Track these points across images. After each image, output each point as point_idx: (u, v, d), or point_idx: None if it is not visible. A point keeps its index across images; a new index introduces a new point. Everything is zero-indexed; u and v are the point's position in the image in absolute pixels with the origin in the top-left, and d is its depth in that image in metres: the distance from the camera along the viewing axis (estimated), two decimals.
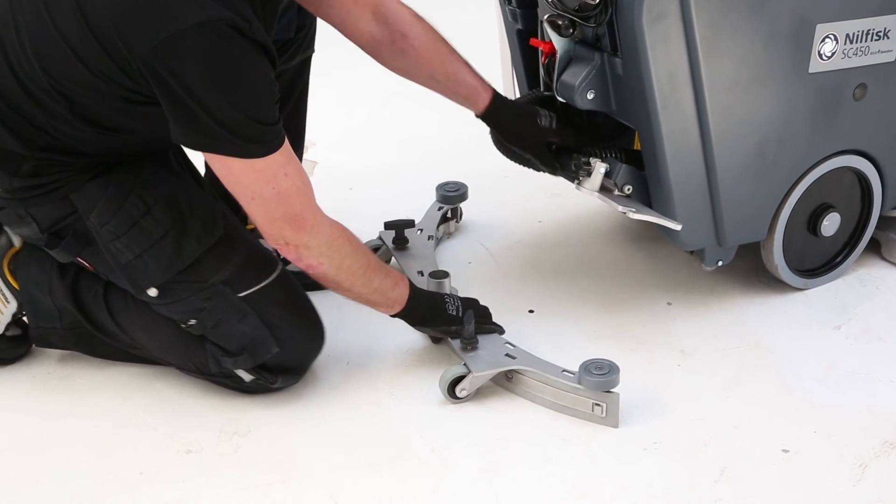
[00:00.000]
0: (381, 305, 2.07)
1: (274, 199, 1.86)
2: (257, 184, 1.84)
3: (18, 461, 1.95)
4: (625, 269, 2.51)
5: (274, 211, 1.87)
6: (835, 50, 2.08)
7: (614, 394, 1.94)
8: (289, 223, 1.88)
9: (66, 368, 2.21)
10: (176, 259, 1.96)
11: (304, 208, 1.90)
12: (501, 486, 1.84)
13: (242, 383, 2.06)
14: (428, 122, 3.41)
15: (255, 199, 1.86)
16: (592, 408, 1.96)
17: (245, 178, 1.84)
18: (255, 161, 1.81)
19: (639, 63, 1.97)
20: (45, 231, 2.01)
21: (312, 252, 1.93)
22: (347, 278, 1.99)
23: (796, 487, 1.80)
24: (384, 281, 2.04)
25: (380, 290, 2.04)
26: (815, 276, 2.36)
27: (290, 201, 1.87)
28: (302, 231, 1.90)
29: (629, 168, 2.15)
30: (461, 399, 2.03)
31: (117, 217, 1.95)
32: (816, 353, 2.15)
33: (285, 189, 1.86)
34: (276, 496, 1.84)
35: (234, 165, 1.82)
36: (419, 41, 2.17)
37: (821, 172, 2.21)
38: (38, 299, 2.14)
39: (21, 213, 2.00)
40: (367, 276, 2.01)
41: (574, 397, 1.98)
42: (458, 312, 2.11)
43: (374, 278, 2.02)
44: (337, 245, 1.96)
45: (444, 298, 2.15)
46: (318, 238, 1.92)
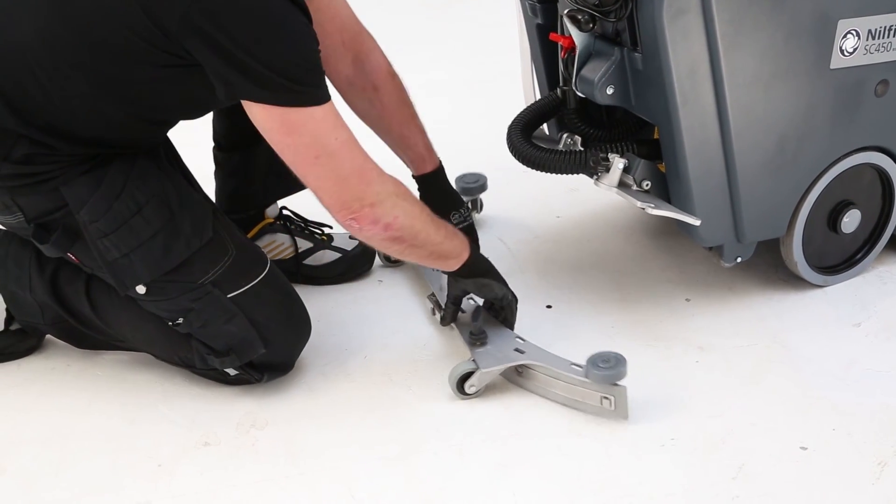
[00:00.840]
0: (451, 256, 2.03)
1: (339, 153, 1.82)
2: (321, 134, 1.81)
3: (37, 453, 1.96)
4: (643, 264, 2.50)
5: (341, 166, 1.83)
6: (857, 46, 2.07)
7: (621, 386, 1.93)
8: (358, 178, 1.85)
9: (85, 361, 2.22)
10: (163, 260, 1.95)
11: (366, 160, 1.87)
12: (518, 481, 1.84)
13: (227, 377, 2.07)
14: (446, 117, 3.40)
15: (320, 156, 1.82)
16: (601, 401, 1.95)
17: (307, 131, 1.80)
18: (314, 109, 1.79)
19: (659, 58, 1.96)
20: (31, 221, 1.97)
21: (386, 206, 1.88)
22: (423, 228, 1.95)
23: (814, 485, 1.80)
24: (447, 227, 2.03)
25: (448, 237, 2.02)
26: (834, 273, 2.35)
27: (354, 153, 1.84)
28: (372, 182, 1.86)
29: (648, 163, 2.15)
30: (471, 395, 2.03)
31: (107, 215, 1.92)
32: (836, 351, 2.14)
33: (346, 141, 1.83)
34: (293, 489, 1.85)
35: (295, 117, 1.78)
36: (387, 98, 2.26)
37: (841, 169, 2.20)
38: (18, 296, 2.14)
39: (7, 202, 1.96)
40: (435, 223, 1.98)
41: (583, 391, 1.97)
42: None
43: (440, 226, 2.00)
44: (404, 194, 1.94)
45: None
46: (386, 187, 1.89)
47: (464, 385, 2.02)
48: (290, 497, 1.83)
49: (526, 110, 2.32)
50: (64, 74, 1.84)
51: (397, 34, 4.15)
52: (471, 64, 3.85)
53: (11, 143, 1.88)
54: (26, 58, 1.84)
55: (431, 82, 2.32)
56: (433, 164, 2.32)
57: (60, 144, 1.90)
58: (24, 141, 1.88)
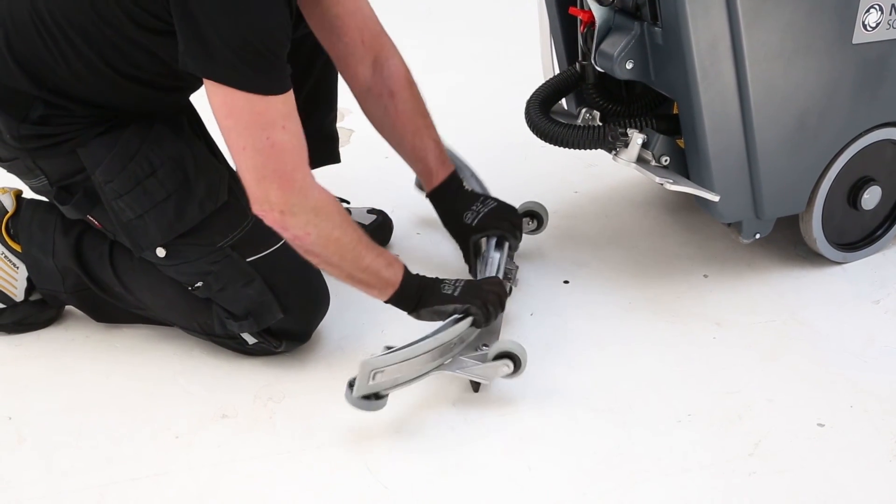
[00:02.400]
0: (374, 287, 1.98)
1: (266, 151, 1.78)
2: (253, 128, 1.77)
3: (56, 424, 1.97)
4: (661, 240, 2.49)
5: (264, 165, 1.79)
6: (879, 20, 2.05)
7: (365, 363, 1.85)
8: (277, 181, 1.80)
9: (104, 333, 2.23)
10: (177, 222, 1.97)
11: (296, 169, 1.82)
12: (534, 455, 1.84)
13: (245, 345, 2.08)
14: (465, 92, 3.40)
15: (246, 148, 1.78)
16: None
17: (243, 118, 1.76)
18: (256, 99, 1.75)
19: (679, 33, 1.95)
20: (55, 184, 2.02)
21: (299, 219, 1.84)
22: (336, 252, 1.90)
23: (831, 462, 1.80)
24: (376, 259, 1.95)
25: (371, 268, 1.95)
26: (854, 250, 2.34)
27: (283, 157, 1.80)
28: (290, 192, 1.81)
29: (667, 139, 2.14)
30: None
31: (121, 176, 1.95)
32: (854, 328, 2.14)
33: (280, 142, 1.78)
34: (309, 462, 1.85)
35: (236, 100, 1.75)
36: (403, 106, 2.23)
37: (862, 145, 2.19)
38: (41, 262, 2.16)
39: (30, 165, 2.01)
40: (357, 251, 1.92)
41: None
42: (460, 292, 1.99)
43: (365, 255, 1.93)
44: (326, 214, 1.87)
45: (443, 281, 2.03)
46: (305, 202, 1.84)
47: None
48: (306, 469, 1.84)
49: (544, 85, 2.31)
50: (68, 38, 1.87)
51: (418, 5, 4.16)
52: (490, 38, 3.84)
53: (28, 104, 1.92)
54: (35, 21, 1.88)
55: (449, 61, 2.30)
56: (443, 176, 2.29)
57: (74, 106, 1.93)
58: (40, 103, 1.92)
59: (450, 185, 2.30)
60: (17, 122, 1.95)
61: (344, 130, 3.07)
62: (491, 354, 1.93)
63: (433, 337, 1.91)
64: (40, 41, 1.89)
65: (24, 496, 1.80)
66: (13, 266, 2.18)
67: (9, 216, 2.18)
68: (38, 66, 1.91)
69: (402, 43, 2.29)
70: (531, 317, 2.22)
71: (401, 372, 1.89)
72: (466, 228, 2.27)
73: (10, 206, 2.19)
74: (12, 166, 2.07)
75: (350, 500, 1.77)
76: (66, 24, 1.86)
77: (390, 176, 2.61)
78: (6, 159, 2.05)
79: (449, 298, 1.99)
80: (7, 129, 1.96)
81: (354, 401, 1.86)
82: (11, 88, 1.93)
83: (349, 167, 2.67)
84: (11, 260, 2.17)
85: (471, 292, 1.99)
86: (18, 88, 1.92)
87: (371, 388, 1.86)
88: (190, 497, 1.79)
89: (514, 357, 1.92)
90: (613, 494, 1.75)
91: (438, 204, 2.31)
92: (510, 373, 1.92)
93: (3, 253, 2.17)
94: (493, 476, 1.80)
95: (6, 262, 2.18)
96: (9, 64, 1.92)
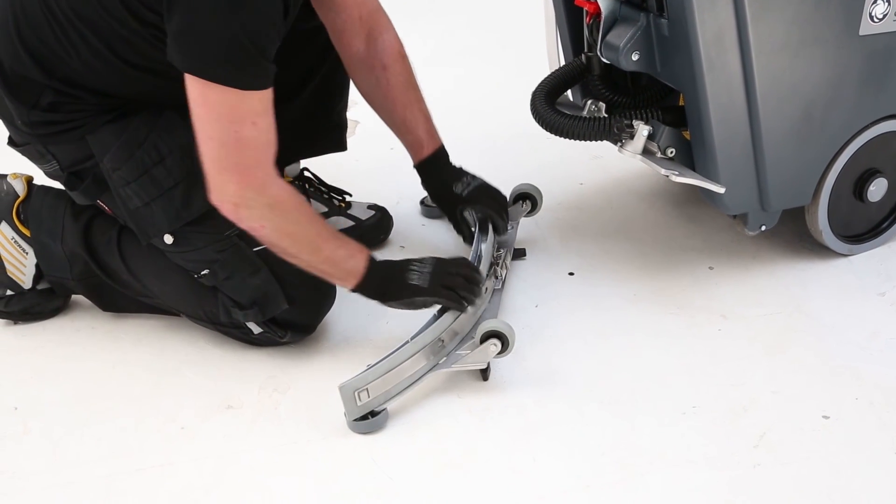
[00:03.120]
0: (336, 277, 1.99)
1: (231, 144, 1.80)
2: (223, 120, 1.78)
3: (61, 414, 1.98)
4: (666, 232, 2.49)
5: (226, 157, 1.81)
6: (886, 12, 2.04)
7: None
8: (236, 175, 1.82)
9: (110, 323, 2.24)
10: (183, 210, 1.98)
11: (258, 165, 1.84)
12: (538, 447, 1.84)
13: (251, 335, 2.08)
14: (471, 83, 3.40)
15: (213, 139, 1.80)
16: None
17: (215, 110, 1.78)
18: (231, 93, 1.76)
19: (685, 24, 1.94)
20: (66, 170, 2.04)
21: (253, 213, 1.86)
22: (292, 245, 1.92)
23: (836, 454, 1.79)
24: (336, 251, 1.96)
25: (331, 259, 1.96)
26: (859, 242, 2.34)
27: (246, 152, 1.81)
28: (246, 187, 1.84)
29: (672, 130, 2.13)
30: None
31: (129, 164, 1.97)
32: (859, 320, 2.13)
33: (246, 137, 1.80)
34: (314, 453, 1.86)
35: (212, 92, 1.76)
36: (395, 80, 2.26)
37: (868, 137, 2.18)
38: (49, 248, 2.17)
39: (41, 151, 2.03)
40: (314, 244, 1.94)
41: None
42: (425, 282, 1.99)
43: (324, 247, 1.94)
44: (281, 210, 1.89)
45: (410, 266, 2.02)
46: (260, 198, 1.85)
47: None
48: (311, 460, 1.84)
49: (550, 77, 2.31)
50: (77, 30, 1.89)
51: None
52: (495, 30, 3.83)
53: (39, 91, 1.95)
54: (45, 12, 1.90)
55: (453, 52, 2.30)
56: (432, 148, 2.32)
57: (84, 95, 1.95)
58: (50, 91, 1.95)
59: (439, 158, 2.34)
60: (28, 109, 1.97)
61: (350, 122, 3.07)
62: (477, 338, 1.94)
63: (412, 342, 1.92)
64: (50, 32, 1.91)
65: (30, 486, 1.80)
66: (23, 252, 2.18)
67: (20, 201, 2.19)
68: (49, 57, 1.93)
69: (407, 36, 2.29)
70: (536, 308, 2.22)
71: (389, 384, 1.90)
72: (457, 198, 2.32)
73: (21, 191, 2.19)
74: (26, 150, 2.08)
75: (354, 490, 1.77)
76: (75, 16, 1.88)
77: (396, 167, 2.60)
78: (20, 143, 2.08)
79: (417, 290, 1.98)
80: (18, 115, 1.98)
81: (352, 426, 1.89)
82: (22, 75, 1.95)
83: (354, 158, 2.67)
84: (21, 245, 2.18)
85: (438, 279, 1.99)
86: (28, 76, 1.94)
87: (363, 409, 1.88)
88: (195, 487, 1.79)
89: (499, 335, 1.93)
90: (618, 486, 1.75)
91: (427, 174, 2.35)
92: (500, 351, 1.93)
93: (14, 237, 2.18)
94: (498, 467, 1.80)
95: (16, 247, 2.18)
96: (20, 53, 1.94)
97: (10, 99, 1.98)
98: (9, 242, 2.18)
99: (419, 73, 2.29)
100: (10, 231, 2.18)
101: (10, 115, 2.02)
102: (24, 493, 1.79)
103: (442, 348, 1.98)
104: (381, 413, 1.89)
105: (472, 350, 1.95)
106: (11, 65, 1.96)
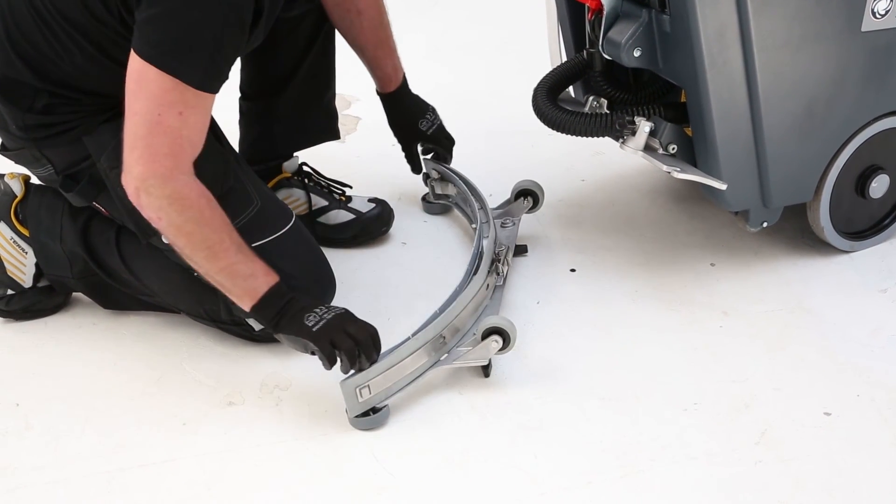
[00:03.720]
0: (231, 293, 1.92)
1: (151, 125, 1.79)
2: (151, 100, 1.78)
3: (63, 410, 1.98)
4: (668, 229, 2.49)
5: (142, 136, 1.80)
6: (889, 8, 2.04)
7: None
8: (146, 157, 1.80)
9: (111, 320, 2.24)
10: None
11: (170, 155, 1.82)
12: (540, 444, 1.84)
13: (252, 332, 2.08)
14: (473, 78, 3.40)
15: (137, 114, 1.79)
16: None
17: (147, 88, 1.78)
18: (167, 78, 1.76)
19: (687, 20, 1.94)
20: (61, 173, 2.03)
21: (152, 200, 1.83)
22: (188, 245, 1.88)
23: (837, 451, 1.79)
24: (237, 266, 1.90)
25: (230, 272, 1.90)
26: (861, 239, 2.34)
27: (162, 138, 1.80)
28: (151, 173, 1.81)
29: (674, 127, 2.13)
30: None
31: None
32: (861, 317, 2.13)
33: (167, 124, 1.79)
34: (315, 450, 1.86)
35: (149, 71, 1.77)
36: (367, 23, 2.34)
37: (871, 133, 2.18)
38: (49, 247, 2.17)
39: (36, 155, 2.03)
40: (213, 251, 1.88)
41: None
42: (318, 327, 1.89)
43: (223, 257, 1.88)
44: (181, 206, 1.84)
45: (315, 308, 1.92)
46: (163, 188, 1.82)
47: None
48: (313, 457, 1.84)
49: (551, 72, 2.31)
50: (67, 33, 1.89)
51: None
52: (497, 26, 3.83)
53: (33, 94, 1.95)
54: (34, 17, 1.90)
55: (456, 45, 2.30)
56: (395, 84, 2.44)
57: (79, 96, 1.95)
58: (44, 94, 1.95)
59: (404, 90, 2.46)
60: (23, 113, 1.96)
61: (351, 118, 3.07)
62: (479, 334, 1.95)
63: (413, 338, 1.91)
64: (41, 36, 1.91)
65: (32, 482, 1.81)
66: (22, 251, 2.18)
67: (17, 201, 2.19)
68: (41, 61, 1.93)
69: (409, 32, 2.29)
70: (537, 305, 2.22)
71: (390, 380, 1.90)
72: (420, 134, 2.49)
73: (18, 190, 2.19)
74: (19, 156, 2.08)
75: (356, 486, 1.77)
76: (63, 20, 1.89)
77: (397, 163, 2.60)
78: (12, 149, 2.07)
79: (306, 332, 1.89)
80: (13, 119, 1.98)
81: (354, 422, 1.89)
82: (15, 80, 1.95)
83: (356, 154, 2.68)
84: (20, 245, 2.18)
85: (329, 332, 1.89)
86: (22, 80, 1.94)
87: (364, 405, 1.88)
88: (197, 484, 1.79)
89: (501, 331, 1.93)
90: (619, 482, 1.75)
91: (393, 104, 2.47)
92: (501, 347, 1.94)
93: (12, 237, 2.18)
94: (499, 464, 1.80)
95: (15, 246, 2.18)
96: (12, 58, 1.94)
97: (4, 104, 1.98)
98: (8, 242, 2.18)
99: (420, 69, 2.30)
100: (9, 231, 2.18)
101: (3, 120, 2.02)
102: (26, 488, 1.79)
103: (443, 345, 1.98)
104: (382, 409, 1.89)
105: (474, 346, 1.95)
106: (4, 71, 1.96)
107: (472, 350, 1.95)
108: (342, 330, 1.89)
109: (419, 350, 1.92)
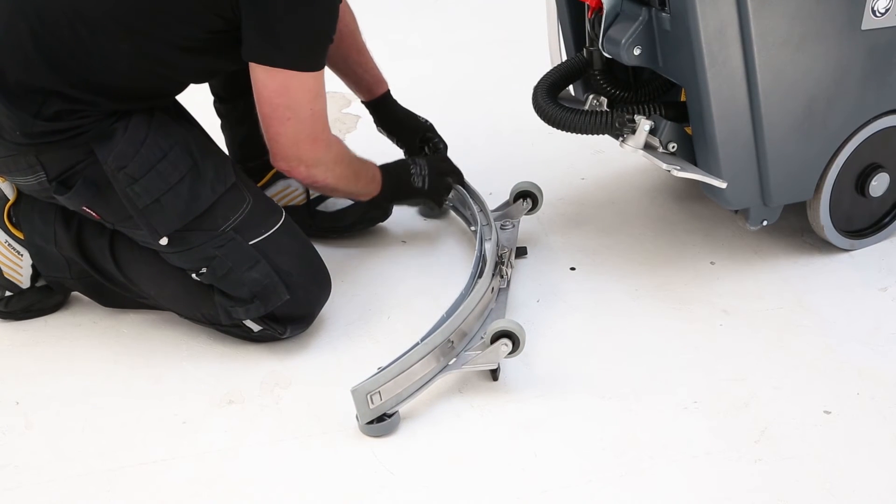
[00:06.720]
0: (364, 195, 2.29)
1: (308, 119, 2.00)
2: (303, 101, 1.97)
3: (63, 409, 1.98)
4: (668, 227, 2.49)
5: (302, 131, 2.01)
6: (889, 6, 2.04)
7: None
8: (310, 143, 2.04)
9: (111, 319, 2.24)
10: (192, 204, 1.98)
11: (325, 128, 2.06)
12: (539, 442, 1.84)
13: (251, 333, 2.08)
14: (472, 78, 3.40)
15: (291, 119, 1.98)
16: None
17: (296, 95, 1.96)
18: (308, 76, 1.95)
19: (687, 18, 1.94)
20: (53, 180, 2.00)
21: (320, 169, 2.09)
22: (345, 185, 2.19)
23: (837, 448, 1.79)
24: (366, 176, 2.25)
25: (363, 182, 2.25)
26: (861, 237, 2.34)
27: (318, 122, 2.03)
28: (319, 150, 2.06)
29: (674, 125, 2.13)
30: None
31: (135, 160, 1.96)
32: (861, 315, 2.13)
33: (317, 110, 2.01)
34: (315, 448, 1.86)
35: (293, 80, 1.94)
36: (345, 30, 2.38)
37: (871, 132, 2.18)
38: (44, 250, 2.17)
39: (31, 161, 1.98)
40: (357, 176, 2.22)
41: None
42: (424, 184, 2.34)
43: (362, 176, 2.24)
44: (341, 160, 2.15)
45: (410, 169, 2.35)
46: (328, 156, 2.10)
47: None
48: (312, 455, 1.84)
49: (552, 71, 2.31)
50: (110, 34, 1.90)
51: None
52: (496, 25, 3.83)
53: (42, 100, 1.92)
54: (72, 12, 1.89)
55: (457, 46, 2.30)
56: (386, 84, 2.55)
57: (90, 98, 1.93)
58: (56, 98, 1.92)
59: (390, 96, 2.58)
60: (31, 119, 1.93)
61: (350, 116, 3.08)
62: (488, 337, 1.94)
63: (422, 344, 1.91)
64: (71, 32, 1.90)
65: (33, 481, 1.81)
66: (17, 254, 2.18)
67: (10, 204, 2.18)
68: (67, 60, 1.91)
69: (408, 31, 2.29)
70: (538, 303, 2.22)
71: (401, 386, 1.90)
72: (423, 125, 2.58)
73: (10, 194, 2.18)
74: (7, 163, 2.03)
75: (356, 485, 1.77)
76: (118, 23, 1.90)
77: None
78: (2, 156, 2.01)
79: (422, 193, 2.37)
80: (19, 125, 1.93)
81: (364, 429, 1.88)
82: (28, 85, 1.92)
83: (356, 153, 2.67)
84: (15, 248, 2.18)
85: (436, 186, 2.38)
86: (36, 85, 1.91)
87: (375, 412, 1.87)
88: (197, 481, 1.79)
89: (510, 335, 1.93)
90: (619, 481, 1.75)
91: (387, 105, 2.57)
92: (511, 351, 1.93)
93: (7, 241, 2.18)
94: (499, 462, 1.81)
95: (10, 249, 2.18)
96: (31, 58, 1.91)
97: (12, 110, 1.93)
98: (3, 246, 2.18)
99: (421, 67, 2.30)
100: (3, 234, 2.18)
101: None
102: (26, 487, 1.79)
103: (451, 349, 1.97)
104: (393, 416, 1.89)
105: (483, 350, 1.94)
106: (19, 76, 1.92)
107: (482, 354, 1.94)
108: (443, 176, 2.39)
109: (428, 355, 1.92)
